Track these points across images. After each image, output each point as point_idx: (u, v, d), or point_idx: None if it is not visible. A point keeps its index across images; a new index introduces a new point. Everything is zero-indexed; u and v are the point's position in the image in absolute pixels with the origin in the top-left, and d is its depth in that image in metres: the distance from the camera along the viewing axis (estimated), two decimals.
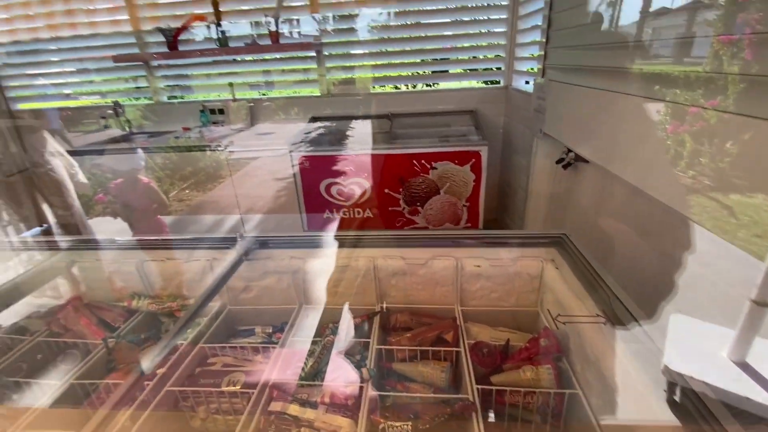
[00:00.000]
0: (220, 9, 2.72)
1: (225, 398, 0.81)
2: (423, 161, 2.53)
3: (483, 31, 2.81)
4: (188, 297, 1.05)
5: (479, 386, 0.77)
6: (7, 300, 1.11)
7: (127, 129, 3.14)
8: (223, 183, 2.98)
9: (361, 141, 2.78)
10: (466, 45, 2.94)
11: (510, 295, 0.99)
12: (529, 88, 2.57)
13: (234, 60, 3.07)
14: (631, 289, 0.77)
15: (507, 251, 0.95)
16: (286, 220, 2.94)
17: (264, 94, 3.24)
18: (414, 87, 3.25)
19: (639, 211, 1.13)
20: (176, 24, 2.76)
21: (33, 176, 2.25)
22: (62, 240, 1.14)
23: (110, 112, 3.11)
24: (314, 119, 3.10)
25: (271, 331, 1.00)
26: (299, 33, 2.95)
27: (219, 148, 2.76)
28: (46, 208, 2.28)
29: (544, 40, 2.16)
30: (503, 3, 2.70)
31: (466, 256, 0.96)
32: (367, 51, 3.00)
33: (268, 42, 2.77)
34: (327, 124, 3.06)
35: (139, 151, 2.59)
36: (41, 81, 3.27)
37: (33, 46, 3.07)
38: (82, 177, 2.45)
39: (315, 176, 2.68)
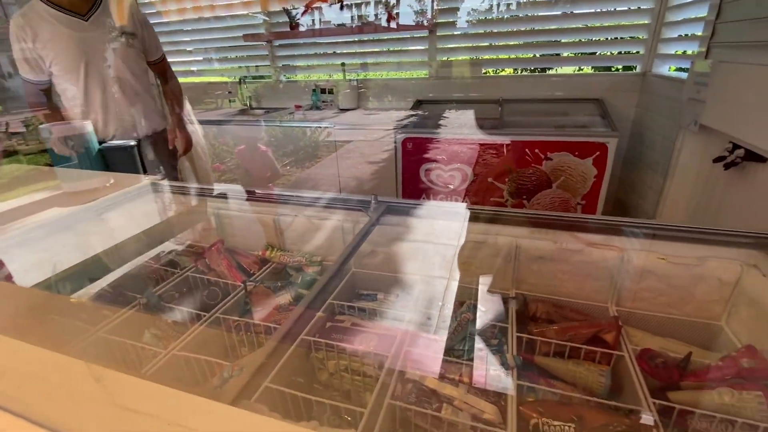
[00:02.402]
0: None
1: (357, 357, 0.79)
2: (536, 151, 2.32)
3: (621, 9, 2.47)
4: (317, 254, 1.07)
5: (657, 401, 0.63)
6: (161, 237, 1.25)
7: (247, 104, 3.42)
8: (326, 160, 3.09)
9: (467, 126, 2.65)
10: (594, 25, 2.63)
11: (685, 301, 0.82)
12: (679, 74, 2.20)
13: (347, 41, 3.14)
14: None
15: (692, 248, 0.78)
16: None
17: (372, 76, 3.27)
18: (530, 71, 3.01)
19: None
20: (301, 5, 2.90)
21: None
22: (208, 188, 1.25)
23: (229, 93, 3.42)
24: (420, 102, 3.04)
25: (394, 298, 0.97)
26: (415, 13, 2.90)
27: (324, 127, 2.85)
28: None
29: (712, 17, 1.81)
30: None
31: (633, 248, 0.82)
32: (481, 31, 2.84)
33: (382, 23, 2.78)
34: (433, 107, 2.99)
35: (261, 123, 2.80)
36: (181, 58, 3.71)
37: (179, 27, 3.48)
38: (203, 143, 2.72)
39: (416, 159, 2.62)
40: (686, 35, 2.14)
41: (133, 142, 2.04)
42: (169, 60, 2.02)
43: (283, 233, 1.11)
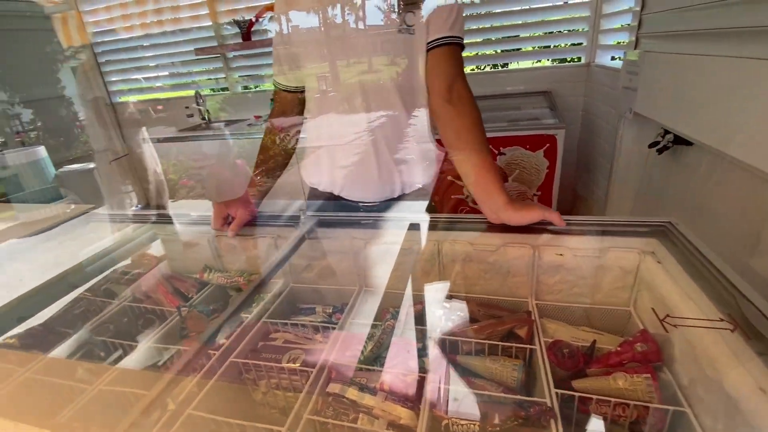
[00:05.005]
0: None
1: (285, 374, 0.80)
2: (490, 147, 2.37)
3: (562, 2, 2.54)
4: (254, 272, 1.07)
5: (558, 390, 0.67)
6: (100, 267, 1.23)
7: (206, 118, 3.37)
8: (291, 170, 3.07)
9: None
10: (540, 20, 2.69)
11: (595, 291, 0.86)
12: (617, 64, 2.28)
13: None
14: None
15: (594, 241, 0.83)
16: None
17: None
18: (481, 68, 3.06)
19: None
20: (250, 15, 2.88)
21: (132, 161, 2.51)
22: (145, 214, 1.24)
23: (193, 105, 3.35)
24: None
25: (331, 311, 0.99)
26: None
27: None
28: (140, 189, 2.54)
29: (638, 7, 1.89)
30: None
31: (544, 244, 0.85)
32: None
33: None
34: None
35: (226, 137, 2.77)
36: (135, 75, 3.63)
37: (128, 44, 3.41)
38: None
39: None
40: (620, 26, 2.22)
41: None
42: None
43: (219, 253, 1.12)
